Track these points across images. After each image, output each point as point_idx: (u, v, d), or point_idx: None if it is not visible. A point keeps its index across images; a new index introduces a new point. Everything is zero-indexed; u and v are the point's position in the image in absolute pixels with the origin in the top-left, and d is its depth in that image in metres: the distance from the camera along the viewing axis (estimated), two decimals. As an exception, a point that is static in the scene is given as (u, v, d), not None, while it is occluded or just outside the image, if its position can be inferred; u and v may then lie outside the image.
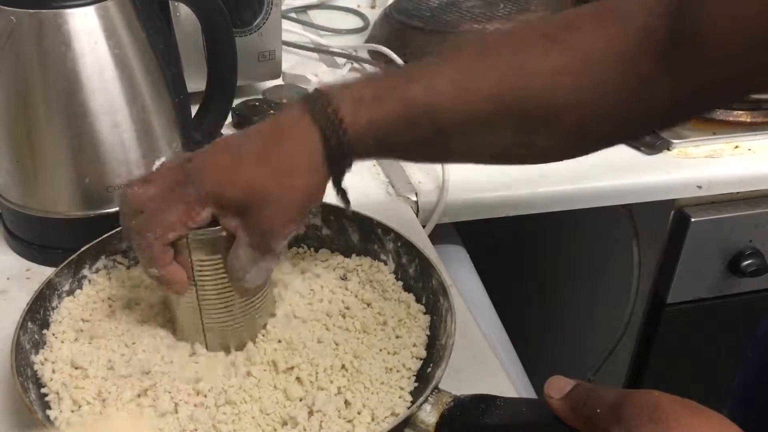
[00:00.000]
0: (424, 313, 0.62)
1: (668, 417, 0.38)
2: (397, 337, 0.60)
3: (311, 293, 0.64)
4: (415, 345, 0.59)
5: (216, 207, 0.54)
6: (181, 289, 0.56)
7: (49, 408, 0.54)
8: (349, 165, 0.55)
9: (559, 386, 0.44)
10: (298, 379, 0.56)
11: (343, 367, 0.56)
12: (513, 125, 0.56)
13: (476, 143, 0.57)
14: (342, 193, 0.58)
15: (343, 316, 0.62)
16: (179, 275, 0.56)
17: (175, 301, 0.58)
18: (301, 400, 0.54)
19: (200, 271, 0.56)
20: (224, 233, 0.55)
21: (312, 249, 0.70)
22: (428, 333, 0.61)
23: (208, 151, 0.56)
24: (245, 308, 0.58)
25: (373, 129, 0.54)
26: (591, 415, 0.42)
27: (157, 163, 0.70)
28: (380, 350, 0.59)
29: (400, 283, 0.66)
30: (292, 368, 0.56)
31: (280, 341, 0.59)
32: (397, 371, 0.57)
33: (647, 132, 0.60)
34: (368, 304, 0.63)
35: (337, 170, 0.55)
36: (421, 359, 0.58)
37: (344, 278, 0.67)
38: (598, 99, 0.54)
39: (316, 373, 0.56)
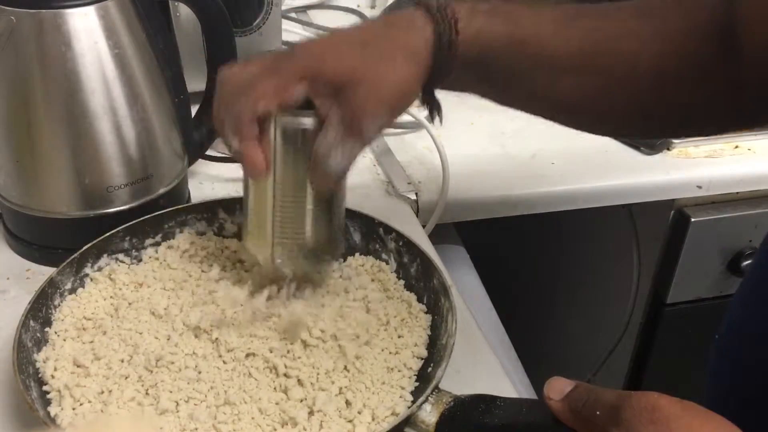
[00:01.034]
0: (426, 313, 0.62)
1: (668, 419, 0.38)
2: (399, 336, 0.60)
3: (307, 293, 0.64)
4: (416, 344, 0.59)
5: (311, 84, 0.53)
6: (258, 170, 0.56)
7: (51, 406, 0.54)
8: (449, 71, 0.56)
9: (558, 387, 0.44)
10: (299, 381, 0.56)
11: (345, 368, 0.57)
12: (594, 73, 0.58)
13: (558, 84, 0.59)
14: (432, 100, 0.58)
15: (344, 317, 0.61)
16: (259, 155, 0.55)
17: (252, 193, 0.57)
18: (302, 401, 0.54)
19: (282, 156, 0.55)
20: (312, 120, 0.54)
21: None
22: (429, 333, 0.61)
23: (310, 41, 0.58)
24: (318, 219, 0.57)
25: (480, 40, 0.55)
26: (590, 416, 0.42)
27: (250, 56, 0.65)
28: (382, 350, 0.59)
29: (402, 282, 0.66)
30: (294, 372, 0.56)
31: (285, 346, 0.58)
32: (399, 371, 0.57)
33: (698, 132, 0.63)
34: (370, 303, 0.63)
35: (437, 71, 0.55)
36: (422, 359, 0.59)
37: (347, 278, 0.67)
38: (677, 70, 0.56)
39: (317, 374, 0.56)
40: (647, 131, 0.66)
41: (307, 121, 0.54)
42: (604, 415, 0.41)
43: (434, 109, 0.59)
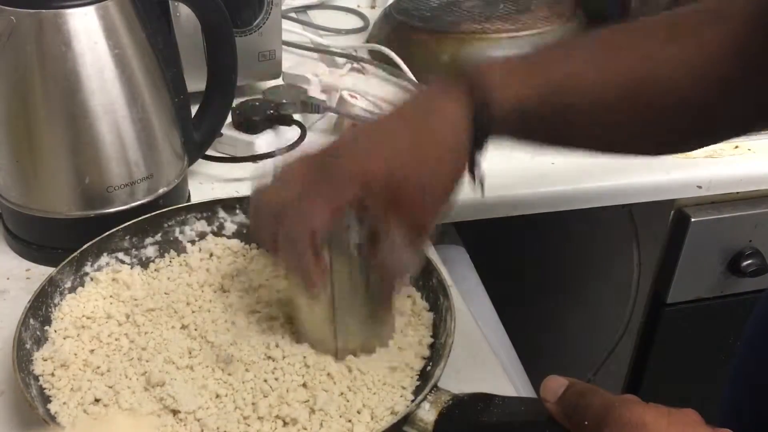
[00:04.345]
0: (428, 311, 0.62)
1: None
2: (405, 336, 0.60)
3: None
4: (419, 343, 0.59)
5: (364, 193, 0.51)
6: (316, 287, 0.54)
7: (51, 404, 0.54)
8: (488, 143, 0.55)
9: (552, 388, 0.44)
10: (304, 385, 0.56)
11: (348, 369, 0.57)
12: (638, 112, 0.57)
13: (603, 127, 0.58)
14: (478, 174, 0.57)
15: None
16: (318, 275, 0.54)
17: (306, 309, 0.57)
18: (305, 402, 0.54)
19: (339, 271, 0.54)
20: (365, 232, 0.53)
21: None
22: (431, 332, 0.61)
23: (348, 140, 0.55)
24: (378, 318, 0.58)
25: (519, 105, 0.54)
26: (580, 424, 0.42)
27: (278, 160, 0.59)
28: (386, 351, 0.59)
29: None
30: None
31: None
32: (401, 371, 0.57)
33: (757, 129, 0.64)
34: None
35: (479, 148, 0.54)
36: (425, 358, 0.59)
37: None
38: (718, 92, 0.55)
39: (320, 378, 0.56)
40: (693, 147, 0.65)
41: (358, 235, 0.53)
42: (591, 425, 0.41)
43: (480, 181, 0.57)
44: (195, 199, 0.81)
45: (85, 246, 0.64)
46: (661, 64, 0.55)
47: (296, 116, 0.91)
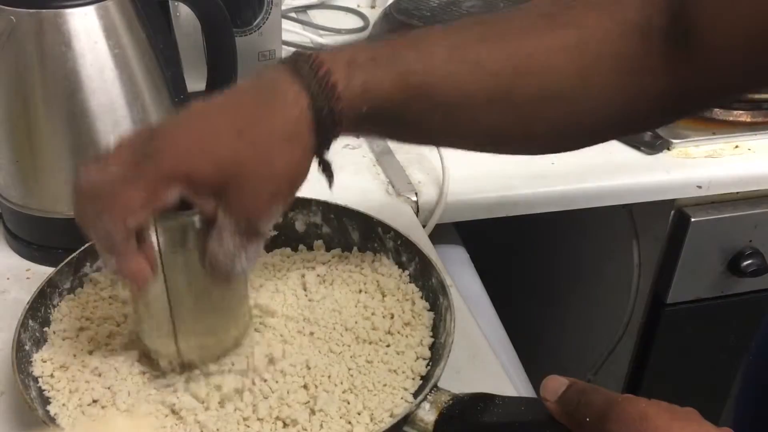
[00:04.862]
0: (428, 311, 0.62)
1: (656, 429, 0.38)
2: (405, 336, 0.60)
3: (310, 293, 0.64)
4: (420, 344, 0.59)
5: (188, 187, 0.47)
6: (144, 283, 0.49)
7: (50, 405, 0.54)
8: (337, 135, 0.50)
9: (553, 388, 0.44)
10: (304, 386, 0.56)
11: (349, 370, 0.57)
12: (511, 106, 0.53)
13: (473, 123, 0.54)
14: (326, 166, 0.52)
15: (346, 328, 0.61)
16: (143, 267, 0.49)
17: (141, 303, 0.53)
18: (306, 403, 0.54)
19: (171, 261, 0.50)
20: (197, 217, 0.49)
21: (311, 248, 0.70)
22: (430, 332, 0.61)
23: (175, 123, 0.49)
24: (217, 306, 0.54)
25: (367, 96, 0.49)
26: (581, 421, 0.42)
27: (115, 138, 0.56)
28: (386, 352, 0.59)
29: (405, 279, 0.66)
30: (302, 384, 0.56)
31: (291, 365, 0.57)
32: (402, 372, 0.57)
33: (641, 128, 0.58)
34: (372, 300, 0.63)
35: (324, 140, 0.49)
36: (425, 359, 0.59)
37: (349, 277, 0.67)
38: (597, 83, 0.52)
39: (320, 380, 0.56)
40: (578, 146, 0.59)
41: (190, 220, 0.49)
42: (593, 423, 0.41)
43: (328, 176, 0.52)
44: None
45: (84, 247, 0.64)
46: (532, 54, 0.51)
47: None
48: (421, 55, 0.51)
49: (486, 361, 0.65)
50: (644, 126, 0.60)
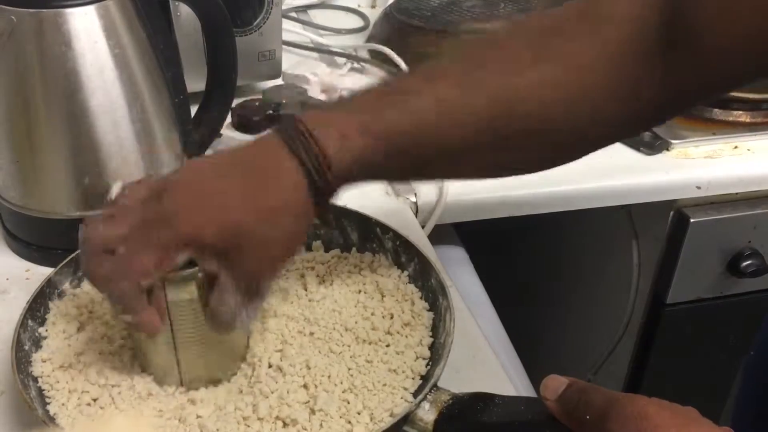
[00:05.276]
0: (428, 311, 0.62)
1: (656, 428, 0.38)
2: (405, 336, 0.60)
3: (310, 293, 0.64)
4: (419, 344, 0.59)
5: (194, 251, 0.50)
6: (155, 331, 0.53)
7: (50, 405, 0.54)
8: (331, 197, 0.54)
9: (553, 387, 0.44)
10: (304, 386, 0.56)
11: (348, 370, 0.57)
12: (504, 144, 0.54)
13: (468, 164, 0.56)
14: (327, 219, 0.57)
15: (346, 328, 0.61)
16: (154, 319, 0.52)
17: (148, 342, 0.55)
18: (306, 403, 0.54)
19: (177, 313, 0.53)
20: (201, 274, 0.52)
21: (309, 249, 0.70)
22: (430, 332, 0.61)
23: (180, 187, 0.52)
24: (224, 354, 0.57)
25: (358, 163, 0.52)
26: (581, 420, 0.42)
27: (115, 189, 0.61)
28: (386, 352, 0.59)
29: (404, 280, 0.66)
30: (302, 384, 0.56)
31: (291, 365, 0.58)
32: (402, 372, 0.57)
33: (638, 131, 0.59)
34: (371, 300, 0.63)
35: (322, 204, 0.53)
36: (425, 359, 0.59)
37: (348, 278, 0.67)
38: (589, 105, 0.53)
39: (320, 380, 0.56)
40: (582, 153, 0.59)
41: (196, 277, 0.52)
42: (593, 421, 0.41)
43: (327, 224, 0.58)
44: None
45: (84, 246, 0.64)
46: (522, 92, 0.53)
47: (296, 116, 0.91)
48: (410, 116, 0.52)
49: (486, 361, 0.65)
50: (643, 128, 0.61)
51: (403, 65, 1.05)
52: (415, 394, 0.55)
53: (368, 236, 0.68)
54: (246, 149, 0.53)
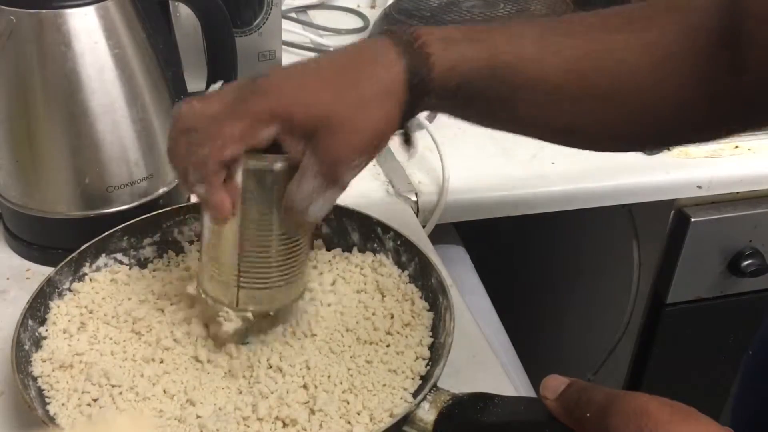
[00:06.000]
0: (428, 311, 0.62)
1: (657, 424, 0.38)
2: (405, 336, 0.60)
3: (311, 293, 0.64)
4: (419, 344, 0.59)
5: (282, 127, 0.50)
6: (224, 215, 0.52)
7: (50, 405, 0.54)
8: (426, 106, 0.54)
9: (553, 386, 0.44)
10: (304, 386, 0.56)
11: (348, 370, 0.57)
12: (585, 95, 0.55)
13: (549, 109, 0.56)
14: (408, 136, 0.56)
15: (347, 329, 0.61)
16: (226, 200, 0.52)
17: (214, 238, 0.54)
18: (305, 403, 0.54)
19: (249, 201, 0.52)
20: (281, 165, 0.51)
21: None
22: (430, 332, 0.61)
23: (281, 70, 0.53)
24: (284, 259, 0.55)
25: (458, 71, 0.52)
26: (581, 418, 0.42)
27: (216, 86, 0.58)
28: (386, 353, 0.59)
29: (405, 279, 0.66)
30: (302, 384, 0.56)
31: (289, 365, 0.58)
32: (402, 372, 0.57)
33: (703, 134, 0.60)
34: (372, 300, 0.63)
35: (412, 107, 0.53)
36: (425, 359, 0.59)
37: (350, 277, 0.67)
38: (667, 80, 0.54)
39: (320, 380, 0.56)
40: (647, 144, 0.63)
41: (278, 166, 0.52)
42: (593, 418, 0.41)
43: (410, 145, 0.57)
44: (194, 199, 0.81)
45: (83, 247, 0.64)
46: (611, 50, 0.54)
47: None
48: (512, 38, 0.54)
49: (486, 361, 0.65)
50: (706, 132, 0.61)
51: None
52: (415, 395, 0.55)
53: (369, 236, 0.68)
54: (352, 45, 0.54)
